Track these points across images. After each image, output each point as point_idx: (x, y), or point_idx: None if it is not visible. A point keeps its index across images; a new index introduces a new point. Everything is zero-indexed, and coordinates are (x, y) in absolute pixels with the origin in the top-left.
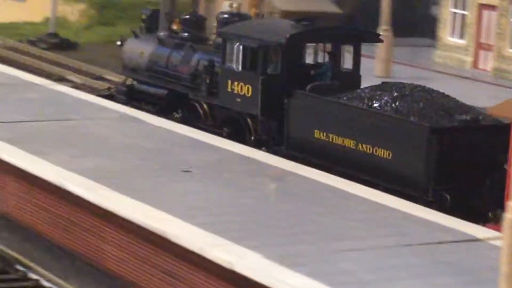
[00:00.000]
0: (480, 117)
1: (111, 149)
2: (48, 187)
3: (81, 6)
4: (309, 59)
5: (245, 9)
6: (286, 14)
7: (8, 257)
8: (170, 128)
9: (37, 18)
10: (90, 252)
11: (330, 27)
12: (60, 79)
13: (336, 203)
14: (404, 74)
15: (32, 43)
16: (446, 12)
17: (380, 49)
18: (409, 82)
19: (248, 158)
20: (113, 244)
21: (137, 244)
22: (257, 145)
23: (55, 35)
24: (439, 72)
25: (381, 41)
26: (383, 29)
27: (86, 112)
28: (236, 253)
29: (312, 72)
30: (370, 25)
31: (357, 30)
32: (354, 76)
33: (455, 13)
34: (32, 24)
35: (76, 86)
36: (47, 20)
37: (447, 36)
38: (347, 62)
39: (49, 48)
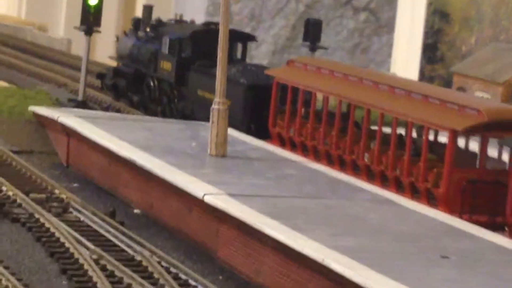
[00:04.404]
0: None
1: (368, 230)
2: (307, 263)
3: None
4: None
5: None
6: None
7: None
8: (424, 213)
9: None
10: None
11: None
12: None
13: None
14: None
15: None
16: None
17: None
18: None
19: (505, 248)
20: None
21: None
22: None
23: None
24: None
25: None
26: None
27: (342, 192)
28: None
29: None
30: None
31: (244, 33)
32: (242, 62)
33: None
34: None
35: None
36: None
37: None
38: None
39: None
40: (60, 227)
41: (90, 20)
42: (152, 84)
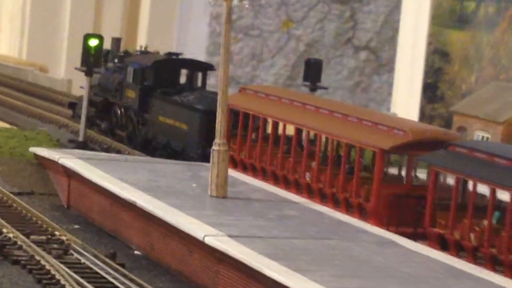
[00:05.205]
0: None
1: (372, 272)
2: None
3: None
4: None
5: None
6: None
7: None
8: (426, 254)
9: None
10: None
11: (185, 60)
12: None
13: None
14: None
15: None
16: None
17: None
18: None
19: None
20: None
21: None
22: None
23: None
24: None
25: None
26: None
27: (345, 233)
28: None
29: (178, 87)
30: None
31: (203, 62)
32: (201, 90)
33: None
34: None
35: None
36: None
37: None
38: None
39: None
40: (60, 269)
41: (91, 61)
42: (118, 111)
